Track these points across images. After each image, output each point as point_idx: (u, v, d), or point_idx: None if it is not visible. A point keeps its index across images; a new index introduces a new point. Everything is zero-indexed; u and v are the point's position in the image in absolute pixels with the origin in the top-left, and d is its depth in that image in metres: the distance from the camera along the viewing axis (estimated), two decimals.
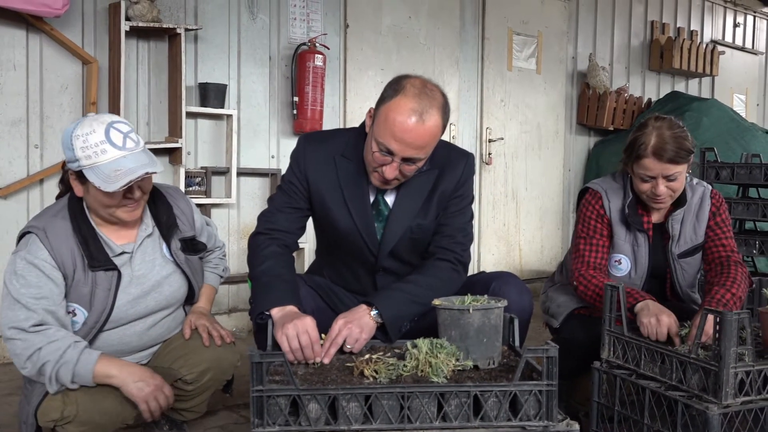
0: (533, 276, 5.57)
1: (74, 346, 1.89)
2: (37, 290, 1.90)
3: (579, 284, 2.32)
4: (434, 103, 1.86)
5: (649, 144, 2.19)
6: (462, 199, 2.09)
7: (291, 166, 2.09)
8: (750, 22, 7.67)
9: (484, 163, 5.29)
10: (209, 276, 2.36)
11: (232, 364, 2.22)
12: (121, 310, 2.03)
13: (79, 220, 1.99)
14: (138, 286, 2.05)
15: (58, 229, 1.95)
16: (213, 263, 2.39)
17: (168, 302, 2.14)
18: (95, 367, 1.88)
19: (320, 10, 4.35)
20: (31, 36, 3.39)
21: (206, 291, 2.32)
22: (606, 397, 2.06)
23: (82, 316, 1.98)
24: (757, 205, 3.43)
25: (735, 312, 1.72)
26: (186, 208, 2.21)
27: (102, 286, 1.98)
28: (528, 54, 5.53)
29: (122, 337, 2.07)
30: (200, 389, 2.18)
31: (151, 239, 2.10)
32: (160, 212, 2.13)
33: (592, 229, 2.39)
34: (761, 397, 1.79)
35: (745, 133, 5.17)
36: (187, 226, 2.19)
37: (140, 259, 2.07)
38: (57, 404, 1.89)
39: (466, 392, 1.51)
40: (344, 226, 2.04)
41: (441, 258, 2.04)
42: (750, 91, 7.61)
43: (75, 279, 1.95)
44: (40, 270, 1.91)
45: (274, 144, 4.21)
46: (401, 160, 1.88)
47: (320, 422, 1.50)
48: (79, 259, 1.96)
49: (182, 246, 2.15)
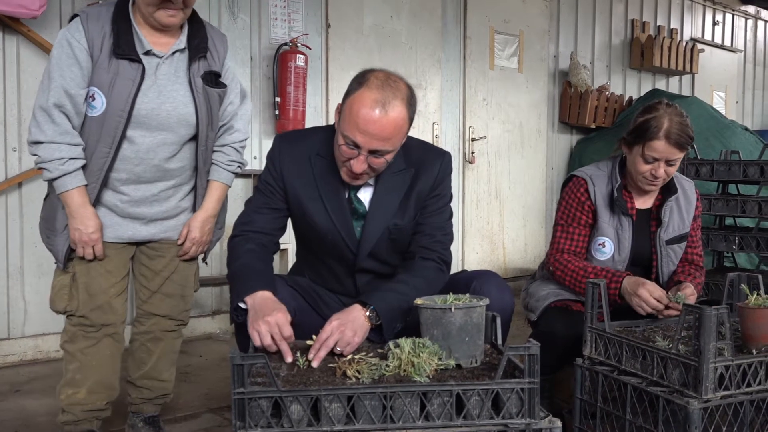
0: (517, 274, 5.59)
1: (71, 163, 2.05)
2: (63, 69, 2.03)
3: (555, 269, 2.41)
4: (398, 94, 1.86)
5: (662, 127, 2.26)
6: (440, 198, 2.08)
7: (267, 166, 2.08)
8: (729, 20, 7.75)
9: (467, 162, 5.30)
10: (221, 173, 2.31)
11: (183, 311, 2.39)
12: (141, 109, 2.08)
13: (121, 12, 2.09)
14: (156, 93, 2.10)
15: (100, 13, 2.08)
16: (227, 155, 2.31)
17: (178, 121, 2.15)
18: (69, 191, 2.07)
19: (301, 10, 4.34)
20: (8, 37, 3.35)
21: (214, 191, 2.31)
22: (589, 394, 2.07)
23: (100, 101, 2.06)
24: (736, 201, 3.46)
25: (714, 307, 1.74)
26: (222, 49, 2.24)
27: (124, 75, 2.06)
28: (510, 53, 5.55)
29: (137, 152, 2.13)
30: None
31: (182, 56, 2.16)
32: (194, 35, 2.18)
33: (571, 217, 2.45)
34: (741, 392, 1.80)
35: (724, 130, 5.23)
36: (216, 63, 2.21)
37: (165, 70, 2.12)
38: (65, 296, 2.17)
39: (448, 391, 1.51)
40: (322, 225, 2.03)
41: (425, 257, 2.03)
42: (729, 88, 7.69)
43: (99, 62, 2.05)
44: (71, 48, 2.03)
45: (256, 145, 4.19)
46: (368, 152, 1.86)
47: (303, 423, 1.50)
48: (107, 43, 2.05)
49: (203, 74, 2.17)
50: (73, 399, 2.21)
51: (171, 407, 2.80)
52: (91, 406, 2.23)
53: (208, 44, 2.19)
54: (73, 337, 2.20)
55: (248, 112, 2.36)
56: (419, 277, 1.98)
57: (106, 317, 2.20)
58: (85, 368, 2.20)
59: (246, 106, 2.34)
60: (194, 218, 2.29)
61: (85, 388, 2.21)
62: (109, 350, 2.24)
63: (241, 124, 2.33)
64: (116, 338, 2.25)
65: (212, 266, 4.07)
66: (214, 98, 2.20)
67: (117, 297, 2.22)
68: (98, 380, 2.22)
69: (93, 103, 2.07)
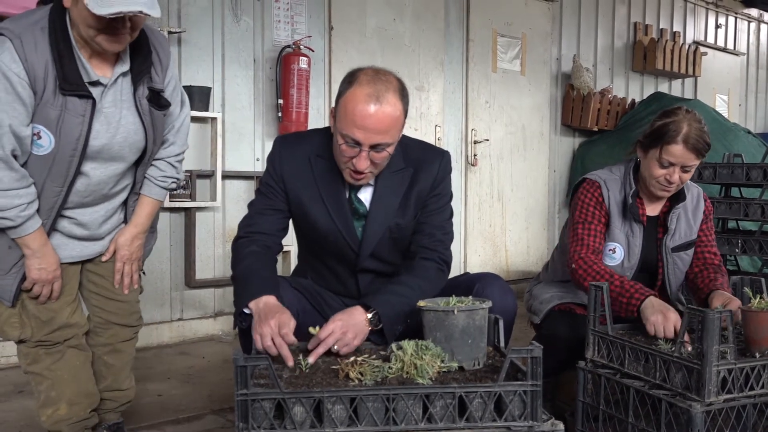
0: (519, 277, 5.59)
1: (30, 207, 1.90)
2: (7, 110, 1.79)
3: (578, 267, 2.28)
4: (390, 87, 1.87)
5: (681, 131, 2.24)
6: (440, 197, 2.09)
7: (267, 169, 2.09)
8: (732, 23, 7.74)
9: (470, 164, 5.30)
10: (152, 188, 2.15)
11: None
12: (93, 145, 1.92)
13: (59, 35, 1.81)
14: (106, 126, 1.93)
15: (35, 37, 1.79)
16: (160, 170, 2.15)
17: (130, 149, 2.01)
18: (30, 234, 1.93)
19: (304, 13, 4.35)
20: None
21: (145, 206, 2.15)
22: (591, 397, 2.07)
23: (47, 140, 1.86)
24: (739, 204, 3.46)
25: (716, 310, 1.74)
26: (165, 58, 2.04)
27: (74, 111, 1.86)
28: (512, 56, 5.55)
29: (89, 185, 1.99)
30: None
31: (125, 79, 1.96)
32: (138, 52, 1.96)
33: (591, 215, 2.39)
34: (744, 395, 1.80)
35: (727, 133, 5.22)
36: (159, 78, 2.02)
37: (111, 97, 1.93)
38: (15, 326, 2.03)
39: (451, 393, 1.51)
40: (323, 226, 2.03)
41: (425, 258, 2.04)
42: (732, 91, 7.69)
43: (43, 99, 1.82)
44: (10, 84, 1.77)
45: (259, 147, 4.20)
46: (369, 148, 1.87)
47: (305, 425, 1.50)
48: (51, 78, 1.81)
49: (149, 95, 2.00)
50: (56, 417, 2.09)
51: (174, 409, 2.81)
52: (75, 419, 2.12)
53: (152, 58, 2.00)
54: (36, 358, 2.06)
55: (187, 120, 2.19)
56: (421, 278, 1.98)
57: (65, 334, 2.08)
58: (58, 384, 2.08)
59: (184, 114, 2.17)
60: (121, 234, 2.14)
61: (64, 403, 2.09)
62: (77, 360, 2.12)
63: (179, 136, 2.16)
64: (80, 347, 2.13)
65: (214, 268, 4.08)
66: (159, 119, 2.05)
67: (74, 313, 2.09)
68: (75, 391, 2.11)
69: (39, 142, 1.86)
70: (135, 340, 2.31)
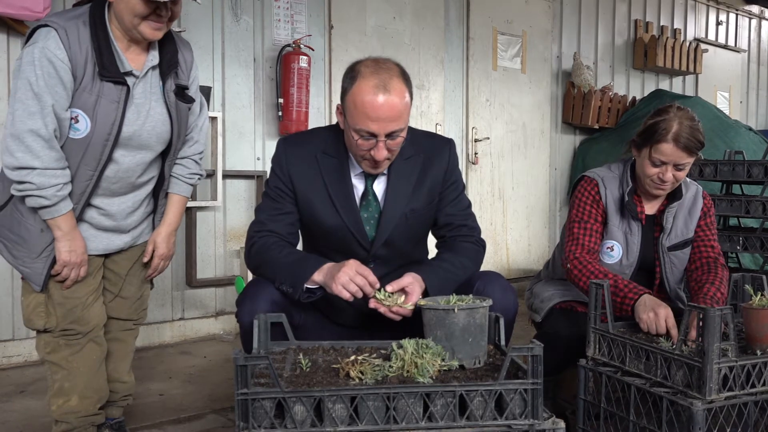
0: (520, 275, 5.58)
1: (65, 188, 2.00)
2: (51, 91, 1.93)
3: (573, 267, 2.29)
4: (392, 73, 1.92)
5: (670, 130, 2.23)
6: (456, 185, 2.17)
7: (273, 171, 2.08)
8: (732, 20, 7.73)
9: (471, 162, 5.30)
10: (181, 186, 2.31)
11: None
12: (125, 131, 2.05)
13: (99, 28, 1.99)
14: (136, 114, 2.07)
15: (78, 28, 1.97)
16: (187, 168, 2.31)
17: (157, 139, 2.14)
18: (62, 216, 2.02)
19: (304, 12, 4.35)
20: (12, 40, 3.36)
21: (175, 203, 2.31)
22: (592, 395, 2.06)
23: (84, 124, 2.00)
24: (740, 202, 3.45)
25: (718, 308, 1.74)
26: (189, 59, 2.22)
27: (108, 97, 2.00)
28: (513, 53, 5.55)
29: (118, 172, 2.10)
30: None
31: (154, 73, 2.12)
32: (165, 49, 2.13)
33: (587, 214, 2.40)
34: (745, 392, 1.80)
35: (728, 130, 5.22)
36: (184, 76, 2.19)
37: (142, 88, 2.09)
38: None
39: (451, 392, 1.51)
40: (332, 224, 2.04)
41: (464, 240, 2.14)
42: (733, 88, 7.68)
43: (82, 85, 1.98)
44: (54, 69, 1.93)
45: (259, 146, 4.20)
46: (385, 137, 1.90)
47: (306, 424, 1.50)
48: (90, 65, 1.98)
49: (175, 89, 2.15)
50: (66, 408, 2.15)
51: (175, 408, 2.81)
52: (84, 412, 2.17)
53: (178, 57, 2.16)
54: (56, 348, 2.14)
55: (207, 121, 2.36)
56: (464, 257, 2.08)
57: (88, 325, 2.15)
58: (73, 375, 2.15)
59: (204, 114, 2.34)
60: (158, 233, 2.28)
61: (76, 395, 2.15)
62: (95, 354, 2.19)
63: (201, 135, 2.33)
64: (98, 341, 2.20)
65: (215, 267, 4.08)
66: (184, 113, 2.20)
67: (95, 303, 2.18)
68: (88, 385, 2.17)
69: (76, 126, 1.99)
70: (136, 331, 2.40)
